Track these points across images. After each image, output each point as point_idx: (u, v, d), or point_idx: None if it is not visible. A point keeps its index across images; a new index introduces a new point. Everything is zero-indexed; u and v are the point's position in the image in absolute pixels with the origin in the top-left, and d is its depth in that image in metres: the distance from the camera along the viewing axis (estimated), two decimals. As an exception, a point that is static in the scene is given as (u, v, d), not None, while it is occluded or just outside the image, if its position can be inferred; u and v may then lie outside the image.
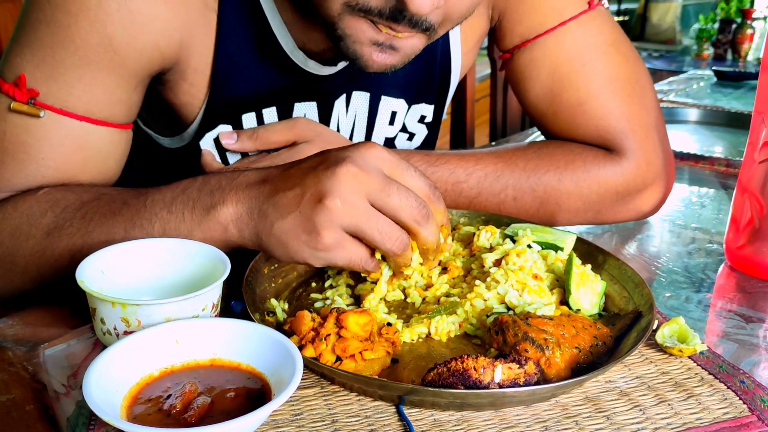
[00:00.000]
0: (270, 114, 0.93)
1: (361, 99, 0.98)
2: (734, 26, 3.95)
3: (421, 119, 1.05)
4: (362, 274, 0.72)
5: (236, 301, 0.74)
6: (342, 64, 0.93)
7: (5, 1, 1.44)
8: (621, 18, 5.07)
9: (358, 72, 0.81)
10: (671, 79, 2.21)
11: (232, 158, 0.94)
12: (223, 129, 0.91)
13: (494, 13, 0.98)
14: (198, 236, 0.70)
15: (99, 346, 0.68)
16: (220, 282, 0.66)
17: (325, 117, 0.96)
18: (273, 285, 0.78)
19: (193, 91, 0.88)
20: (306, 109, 0.94)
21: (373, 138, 1.03)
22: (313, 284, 0.81)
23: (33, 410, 0.61)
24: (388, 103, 1.00)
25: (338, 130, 0.98)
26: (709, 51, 4.20)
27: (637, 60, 0.98)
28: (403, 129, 1.05)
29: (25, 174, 0.78)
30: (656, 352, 0.69)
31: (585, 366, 0.64)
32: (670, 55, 4.54)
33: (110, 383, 0.55)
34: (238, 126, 0.92)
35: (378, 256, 0.69)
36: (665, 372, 0.66)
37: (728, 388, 0.64)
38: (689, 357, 0.68)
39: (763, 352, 0.72)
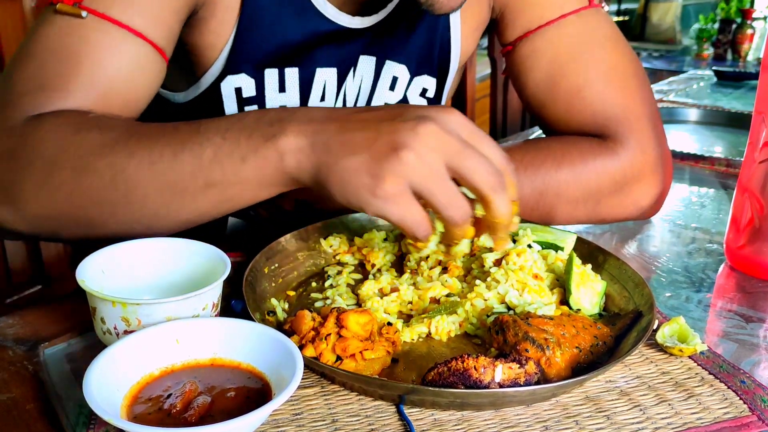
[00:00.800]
0: (292, 74, 0.94)
1: (367, 63, 1.01)
2: (734, 26, 3.95)
3: (423, 93, 1.07)
4: (407, 241, 0.69)
5: (236, 301, 0.74)
6: (358, 20, 0.95)
7: (5, 1, 1.44)
8: (621, 18, 5.07)
9: (374, 35, 0.83)
10: (671, 79, 2.21)
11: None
12: (245, 79, 0.93)
13: (496, 4, 1.01)
14: (251, 163, 0.66)
15: (99, 345, 0.68)
16: (220, 281, 0.66)
17: (340, 84, 0.99)
18: (273, 285, 0.78)
19: (219, 30, 0.89)
20: (327, 76, 0.97)
21: (373, 103, 1.05)
22: (313, 284, 0.81)
23: (33, 409, 0.61)
24: (390, 68, 1.02)
25: (345, 95, 1.01)
26: (709, 51, 4.20)
27: (634, 57, 1.00)
28: (405, 102, 1.07)
29: (60, 75, 0.77)
30: (656, 352, 0.69)
31: (585, 366, 0.64)
32: (670, 55, 4.54)
33: (110, 382, 0.55)
34: (260, 80, 0.93)
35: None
36: (665, 372, 0.66)
37: (728, 387, 0.64)
38: (689, 357, 0.68)
39: (764, 352, 0.72)
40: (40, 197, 0.72)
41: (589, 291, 0.74)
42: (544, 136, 1.04)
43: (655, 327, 0.69)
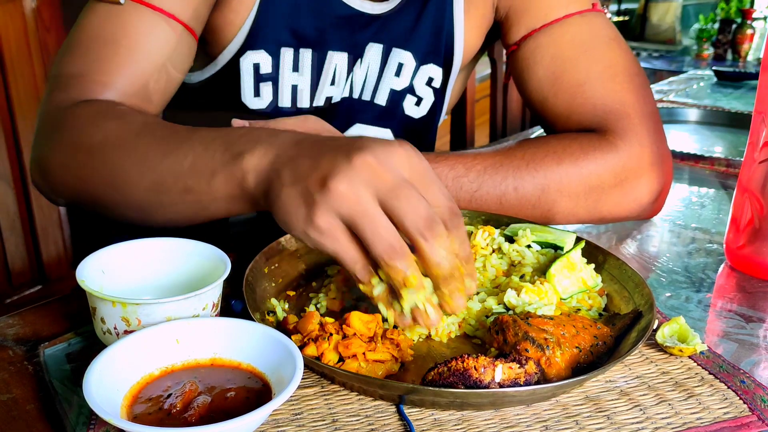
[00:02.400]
0: (306, 55, 0.99)
1: (375, 51, 1.04)
2: (734, 26, 3.96)
3: (429, 82, 1.09)
4: (358, 285, 0.65)
5: (236, 301, 0.74)
6: (369, 5, 1.00)
7: (5, 1, 1.44)
8: (621, 18, 5.07)
9: (383, 23, 0.89)
10: (671, 79, 2.21)
11: (265, 89, 1.00)
12: (264, 56, 0.98)
13: (500, 6, 1.04)
14: (220, 177, 0.67)
15: (99, 345, 0.68)
16: (220, 281, 0.66)
17: (350, 70, 1.03)
18: (273, 285, 0.78)
19: (239, 8, 0.95)
20: (338, 60, 1.01)
21: (379, 90, 1.07)
22: (314, 284, 0.81)
23: (33, 409, 0.61)
24: (397, 55, 1.05)
25: (353, 82, 1.05)
26: (709, 51, 4.21)
27: (636, 60, 1.02)
28: (411, 91, 1.09)
29: (100, 60, 0.84)
30: (656, 352, 0.69)
31: (585, 366, 0.64)
32: (670, 55, 4.54)
33: (110, 382, 0.55)
34: (276, 56, 0.99)
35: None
36: (665, 372, 0.66)
37: (728, 387, 0.64)
38: (689, 357, 0.68)
39: (763, 351, 0.72)
40: (63, 174, 0.81)
41: (573, 280, 0.73)
42: (544, 135, 1.04)
43: (655, 327, 0.69)
